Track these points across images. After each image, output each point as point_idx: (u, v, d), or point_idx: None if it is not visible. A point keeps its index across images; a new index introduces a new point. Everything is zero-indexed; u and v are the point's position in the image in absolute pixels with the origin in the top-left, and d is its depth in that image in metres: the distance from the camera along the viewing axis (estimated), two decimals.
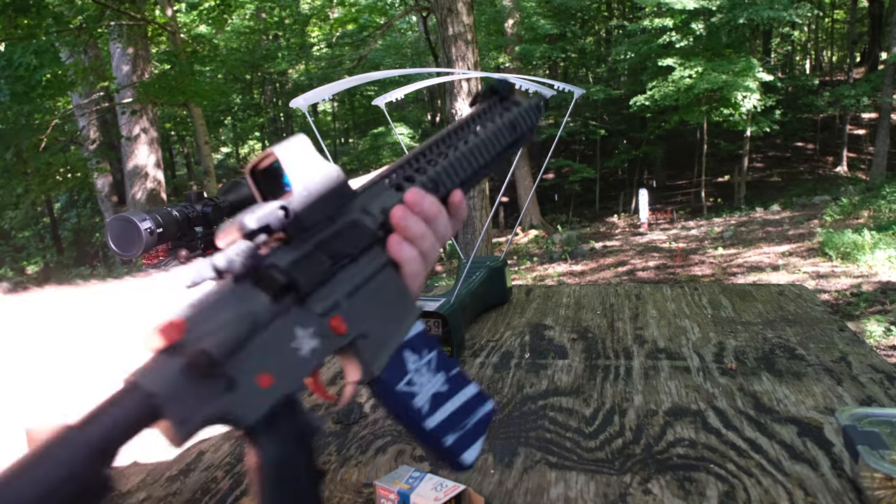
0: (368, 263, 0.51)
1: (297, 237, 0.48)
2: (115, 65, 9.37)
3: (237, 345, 0.43)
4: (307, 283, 0.47)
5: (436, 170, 0.57)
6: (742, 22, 11.81)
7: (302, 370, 0.45)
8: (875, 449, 0.69)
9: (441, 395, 0.53)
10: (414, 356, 0.53)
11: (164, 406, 0.40)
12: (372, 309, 0.50)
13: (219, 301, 0.44)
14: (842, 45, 20.72)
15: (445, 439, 0.52)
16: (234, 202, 1.16)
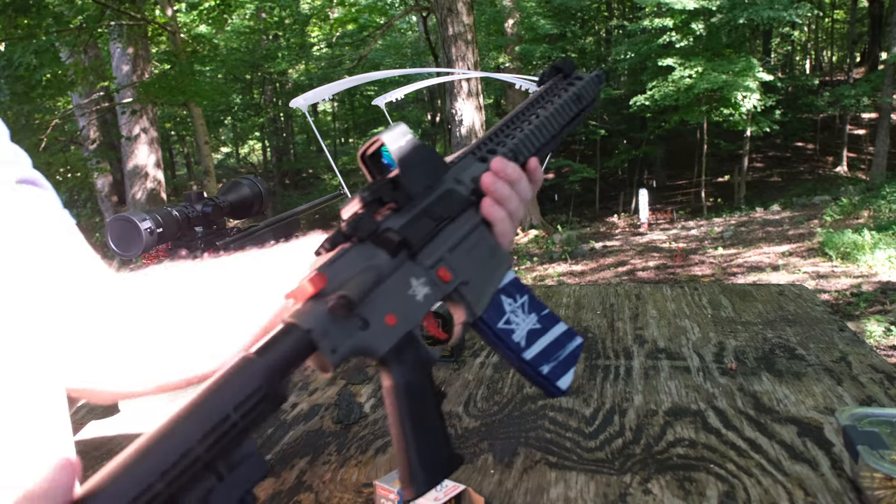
0: (464, 223, 0.62)
1: (405, 205, 0.59)
2: (115, 65, 9.37)
3: (368, 291, 0.53)
4: (417, 240, 0.57)
5: (514, 142, 0.67)
6: (742, 22, 11.81)
7: (418, 312, 0.56)
8: (875, 449, 0.69)
9: (535, 332, 0.63)
10: (509, 300, 0.62)
11: (318, 339, 0.50)
12: (470, 260, 0.61)
13: (350, 258, 0.55)
14: (842, 45, 20.72)
15: (542, 368, 0.62)
16: (233, 202, 1.16)
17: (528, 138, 0.68)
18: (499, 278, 0.63)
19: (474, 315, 0.60)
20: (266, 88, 19.24)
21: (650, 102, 12.55)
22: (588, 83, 0.74)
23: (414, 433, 0.54)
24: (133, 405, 1.11)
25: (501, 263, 0.63)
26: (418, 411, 0.55)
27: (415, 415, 0.54)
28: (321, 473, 0.82)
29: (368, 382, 1.13)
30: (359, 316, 0.53)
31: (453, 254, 0.60)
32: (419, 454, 0.54)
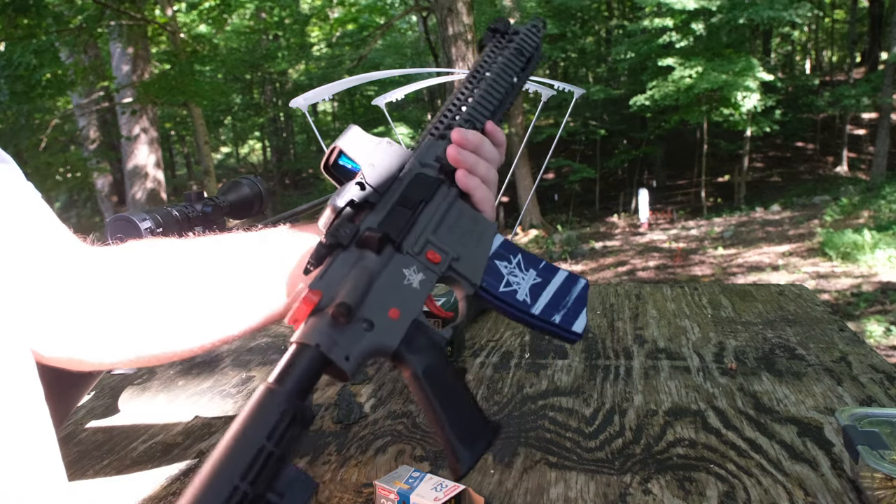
0: (441, 202, 0.63)
1: (378, 202, 0.60)
2: (115, 65, 9.38)
3: (363, 293, 0.54)
4: (397, 232, 0.59)
5: (466, 110, 0.68)
6: (742, 22, 11.81)
7: (418, 299, 0.58)
8: (875, 449, 0.69)
9: (537, 286, 0.64)
10: (504, 262, 0.63)
11: (328, 352, 0.51)
12: (456, 236, 0.62)
13: (338, 268, 0.56)
14: (842, 45, 20.71)
15: (553, 318, 0.63)
16: (233, 202, 1.16)
17: (480, 103, 0.69)
18: (488, 245, 0.63)
19: (474, 286, 0.61)
20: (266, 88, 19.24)
21: (650, 102, 12.55)
22: (526, 34, 0.75)
23: (446, 413, 0.55)
24: (133, 405, 1.11)
25: (487, 230, 0.64)
26: (443, 392, 0.56)
27: (441, 396, 0.55)
28: (321, 473, 0.82)
29: (368, 382, 1.13)
30: (361, 319, 0.54)
31: (437, 234, 0.61)
32: (456, 432, 0.55)
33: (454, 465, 0.54)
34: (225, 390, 1.15)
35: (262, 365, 1.26)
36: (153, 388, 1.18)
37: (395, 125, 1.92)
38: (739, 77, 11.47)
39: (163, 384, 1.20)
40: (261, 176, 1.35)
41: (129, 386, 1.19)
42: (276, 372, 0.50)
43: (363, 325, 0.54)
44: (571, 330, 0.63)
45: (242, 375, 1.21)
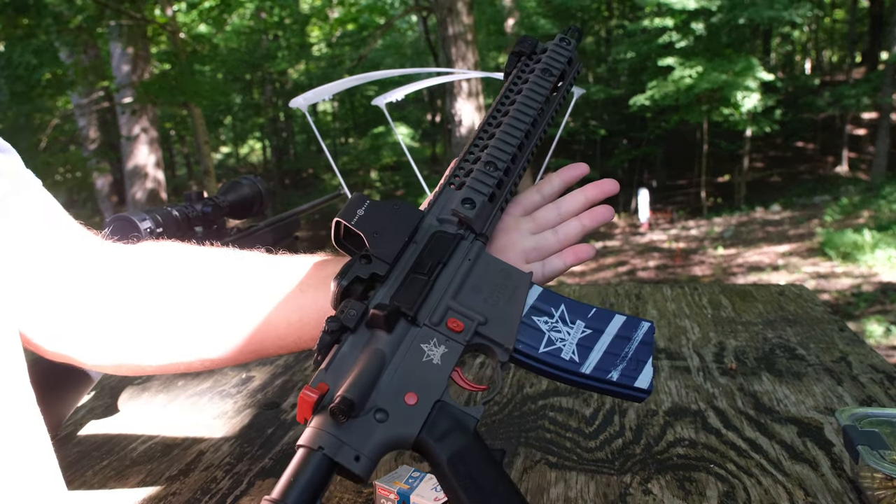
0: (461, 260, 0.56)
1: (389, 273, 0.54)
2: (115, 65, 9.37)
3: (369, 381, 0.49)
4: (409, 304, 0.53)
5: (488, 153, 0.61)
6: (742, 22, 11.80)
7: (440, 377, 0.51)
8: (875, 449, 0.69)
9: (587, 339, 0.56)
10: (543, 318, 0.56)
11: (333, 454, 0.47)
12: (482, 296, 0.55)
13: (345, 354, 0.51)
14: (842, 45, 20.71)
15: (610, 376, 0.54)
16: (233, 202, 1.16)
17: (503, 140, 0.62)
18: (520, 301, 0.56)
19: (507, 351, 0.54)
20: (266, 88, 19.23)
21: (650, 102, 12.55)
22: (554, 50, 0.67)
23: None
24: (133, 405, 1.11)
25: (521, 284, 0.57)
26: (474, 483, 0.48)
27: (472, 488, 0.48)
28: None
29: None
30: (373, 409, 0.49)
31: (459, 298, 0.54)
32: None
33: None
34: (225, 390, 1.15)
35: (262, 365, 1.26)
36: (153, 388, 1.18)
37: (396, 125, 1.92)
38: (739, 77, 11.47)
39: (163, 384, 1.20)
40: (261, 176, 1.34)
41: (129, 386, 1.19)
42: (280, 483, 0.46)
43: (376, 416, 0.48)
44: (634, 387, 0.54)
45: (242, 376, 1.21)
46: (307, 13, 16.49)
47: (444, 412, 0.50)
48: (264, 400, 1.09)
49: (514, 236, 0.65)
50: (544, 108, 0.66)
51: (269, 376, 1.19)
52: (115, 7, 8.23)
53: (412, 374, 0.51)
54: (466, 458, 0.49)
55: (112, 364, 0.65)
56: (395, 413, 0.49)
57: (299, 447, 0.48)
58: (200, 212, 1.08)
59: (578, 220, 0.67)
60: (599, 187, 0.68)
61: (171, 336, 0.64)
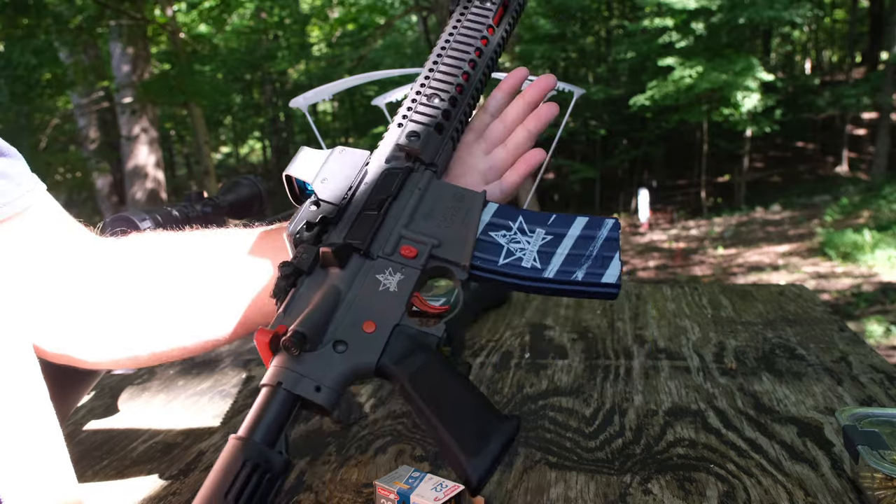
0: (412, 191, 0.57)
1: (340, 214, 0.56)
2: (115, 65, 9.37)
3: (324, 314, 0.50)
4: (361, 239, 0.54)
5: (431, 84, 0.62)
6: (742, 22, 11.80)
7: (398, 303, 0.52)
8: (875, 449, 0.69)
9: (548, 244, 0.55)
10: (500, 231, 0.56)
11: (293, 387, 0.48)
12: (435, 221, 0.56)
13: (302, 295, 0.52)
14: (842, 45, 20.71)
15: (575, 276, 0.54)
16: (233, 202, 1.16)
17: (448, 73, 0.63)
18: (474, 220, 0.56)
19: (464, 269, 0.54)
20: (266, 88, 19.23)
21: (650, 102, 12.54)
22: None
23: (444, 421, 0.48)
24: (133, 405, 1.11)
25: (473, 204, 0.57)
26: (438, 397, 0.49)
27: (436, 402, 0.49)
28: (321, 473, 0.82)
29: (369, 382, 1.13)
30: (331, 342, 0.50)
31: (411, 226, 0.55)
32: (459, 439, 0.48)
33: (464, 477, 0.47)
34: (225, 390, 1.15)
35: (262, 365, 1.25)
36: (153, 387, 1.18)
37: None
38: (739, 77, 11.46)
39: (162, 384, 1.20)
40: (261, 176, 1.34)
41: (128, 386, 1.19)
42: (245, 422, 0.48)
43: (336, 348, 0.50)
44: (601, 283, 0.53)
45: (242, 376, 1.21)
46: (307, 13, 16.49)
47: (402, 335, 0.51)
48: None
49: (470, 161, 0.65)
50: (487, 36, 0.65)
51: None
52: (115, 7, 8.23)
53: (369, 304, 0.52)
54: (428, 375, 0.50)
55: (111, 359, 0.66)
56: (354, 342, 0.50)
57: (261, 386, 0.49)
58: (200, 212, 1.08)
59: (523, 126, 0.66)
60: (537, 86, 0.67)
61: (165, 322, 0.65)
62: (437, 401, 0.49)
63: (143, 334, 0.65)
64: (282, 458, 0.47)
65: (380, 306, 0.52)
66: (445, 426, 0.48)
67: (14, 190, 0.59)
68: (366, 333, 0.51)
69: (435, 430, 0.49)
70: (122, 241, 0.69)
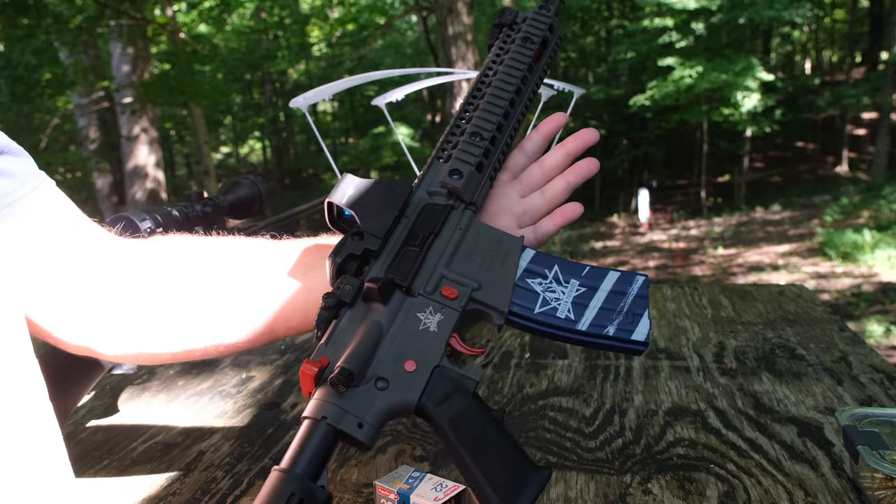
0: (453, 230, 0.58)
1: (382, 247, 0.56)
2: (115, 65, 9.36)
3: (367, 351, 0.51)
4: (403, 276, 0.54)
5: (473, 125, 0.62)
6: (742, 22, 11.80)
7: (438, 343, 0.53)
8: (875, 449, 0.69)
9: (581, 297, 0.56)
10: (537, 279, 0.57)
11: (337, 423, 0.48)
12: (475, 262, 0.57)
13: (344, 328, 0.53)
14: (842, 45, 20.71)
15: (607, 331, 0.55)
16: (233, 202, 1.16)
17: (489, 110, 0.63)
18: (513, 265, 0.57)
19: (502, 314, 0.55)
20: (266, 88, 19.24)
21: (650, 102, 12.55)
22: (533, 19, 0.68)
23: (481, 467, 0.49)
24: (133, 405, 1.11)
25: (512, 248, 0.58)
26: (476, 443, 0.50)
27: (473, 448, 0.50)
28: None
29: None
30: (374, 378, 0.50)
31: (452, 266, 0.56)
32: (495, 488, 0.49)
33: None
34: (225, 390, 1.15)
35: (262, 365, 1.26)
36: (153, 388, 1.18)
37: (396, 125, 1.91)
38: (739, 77, 11.46)
39: (163, 384, 1.20)
40: (261, 176, 1.34)
41: (128, 386, 1.19)
42: (288, 453, 0.48)
43: (377, 384, 0.50)
44: (631, 340, 0.55)
45: (242, 376, 1.21)
46: (307, 13, 16.48)
47: (442, 377, 0.52)
48: (264, 400, 1.09)
49: (504, 202, 0.65)
50: (527, 76, 0.66)
51: (269, 376, 1.19)
52: (115, 7, 8.23)
53: (410, 342, 0.52)
54: (467, 419, 0.51)
55: (131, 353, 0.67)
56: (395, 380, 0.51)
57: (304, 419, 0.49)
58: (200, 212, 1.09)
59: (563, 177, 0.67)
60: (579, 139, 0.68)
61: (186, 324, 0.65)
62: (475, 446, 0.50)
63: (164, 333, 0.66)
64: (324, 492, 0.47)
65: (420, 346, 0.52)
66: (483, 472, 0.49)
67: (19, 189, 0.60)
68: (407, 372, 0.51)
69: (471, 474, 0.50)
70: (151, 240, 0.70)
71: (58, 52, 8.68)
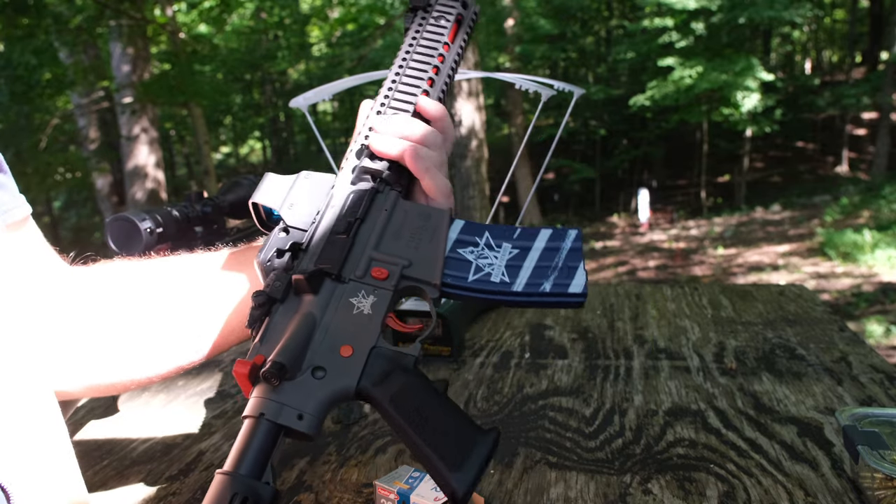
0: (379, 212, 0.57)
1: (308, 240, 0.56)
2: (115, 65, 9.36)
3: (301, 342, 0.50)
4: (332, 263, 0.54)
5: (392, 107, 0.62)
6: (742, 22, 11.80)
7: (373, 325, 0.52)
8: (875, 449, 0.69)
9: (515, 258, 0.56)
10: (469, 247, 0.57)
11: (275, 418, 0.48)
12: (403, 241, 0.56)
13: (277, 324, 0.52)
14: (842, 45, 20.70)
15: (542, 288, 0.55)
16: (233, 202, 1.16)
17: (407, 87, 0.63)
18: (442, 238, 0.56)
19: (435, 287, 0.55)
20: (266, 88, 19.23)
21: (650, 102, 12.55)
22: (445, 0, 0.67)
23: (426, 439, 0.49)
24: (133, 405, 1.11)
25: (440, 222, 0.57)
26: (419, 417, 0.50)
27: (417, 422, 0.50)
28: (321, 473, 0.82)
29: None
30: (310, 369, 0.50)
31: (381, 247, 0.56)
32: (442, 456, 0.49)
33: (449, 491, 0.48)
34: (225, 390, 1.15)
35: None
36: (153, 388, 1.18)
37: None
38: (739, 77, 11.46)
39: (162, 384, 1.19)
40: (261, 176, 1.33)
41: None
42: (230, 455, 0.48)
43: (315, 374, 0.50)
44: (568, 293, 0.54)
45: None
46: (307, 13, 16.48)
47: (380, 357, 0.51)
48: None
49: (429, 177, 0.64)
50: (444, 55, 0.66)
51: None
52: (115, 7, 8.22)
53: (344, 328, 0.52)
54: (407, 394, 0.50)
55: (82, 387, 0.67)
56: (333, 368, 0.50)
57: (244, 418, 0.49)
58: (200, 212, 1.08)
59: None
60: None
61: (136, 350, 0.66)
62: (417, 420, 0.50)
63: (112, 363, 0.66)
64: (269, 488, 0.47)
65: (355, 329, 0.52)
66: (427, 444, 0.49)
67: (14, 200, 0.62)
68: (343, 358, 0.51)
69: (417, 449, 0.50)
70: (90, 270, 0.70)
71: (58, 52, 8.68)
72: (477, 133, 8.47)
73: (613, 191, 16.41)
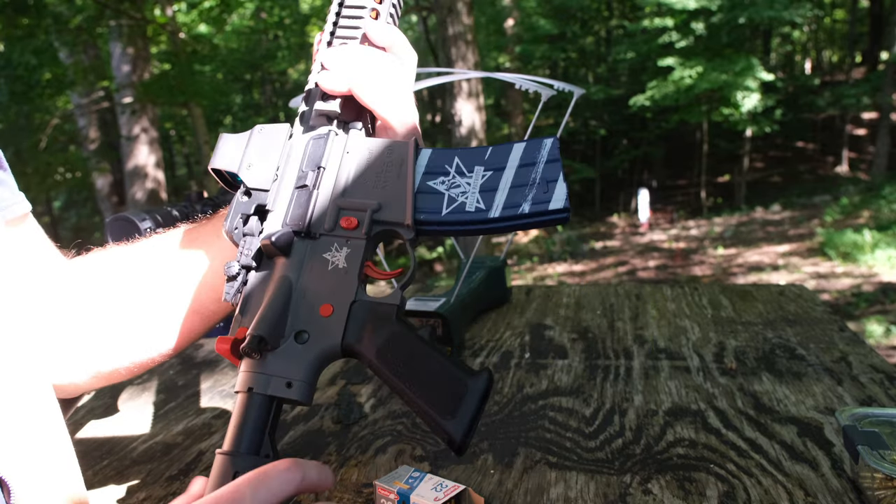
0: (338, 156, 0.54)
1: (273, 201, 0.53)
2: (115, 65, 9.36)
3: (279, 309, 0.48)
4: (299, 220, 0.51)
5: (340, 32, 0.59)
6: (742, 22, 11.80)
7: (350, 277, 0.50)
8: (875, 449, 0.69)
9: (489, 181, 0.52)
10: (440, 178, 0.53)
11: (265, 390, 0.47)
12: (370, 183, 0.52)
13: (254, 293, 0.50)
14: (842, 45, 20.70)
15: (521, 210, 0.51)
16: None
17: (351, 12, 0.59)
18: (409, 173, 0.52)
19: (409, 228, 0.51)
20: (266, 88, 19.23)
21: (650, 102, 12.55)
22: None
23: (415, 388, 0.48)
24: (133, 405, 1.11)
25: (404, 156, 0.53)
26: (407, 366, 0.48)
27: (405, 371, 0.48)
28: None
29: (369, 382, 1.13)
30: (292, 334, 0.48)
31: (347, 194, 0.52)
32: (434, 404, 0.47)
33: (447, 439, 0.47)
34: (225, 390, 1.15)
35: None
36: (153, 388, 1.18)
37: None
38: (739, 77, 11.46)
39: (162, 384, 1.20)
40: None
41: (128, 386, 1.19)
42: (227, 434, 0.47)
43: (298, 339, 0.48)
44: (549, 211, 0.50)
45: None
46: (307, 13, 16.48)
47: (361, 311, 0.49)
48: None
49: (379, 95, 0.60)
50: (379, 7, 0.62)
51: None
52: (115, 7, 8.22)
53: (321, 286, 0.50)
54: (394, 346, 0.49)
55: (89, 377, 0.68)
56: (315, 329, 0.49)
57: (235, 393, 0.49)
58: (200, 212, 1.08)
59: None
60: None
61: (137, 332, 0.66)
62: (406, 371, 0.48)
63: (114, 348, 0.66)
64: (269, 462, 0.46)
65: (333, 286, 0.50)
66: (420, 394, 0.48)
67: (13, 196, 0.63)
68: (324, 318, 0.49)
69: (410, 400, 0.48)
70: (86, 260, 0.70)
71: (58, 52, 8.68)
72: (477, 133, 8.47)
73: (613, 191, 16.41)
